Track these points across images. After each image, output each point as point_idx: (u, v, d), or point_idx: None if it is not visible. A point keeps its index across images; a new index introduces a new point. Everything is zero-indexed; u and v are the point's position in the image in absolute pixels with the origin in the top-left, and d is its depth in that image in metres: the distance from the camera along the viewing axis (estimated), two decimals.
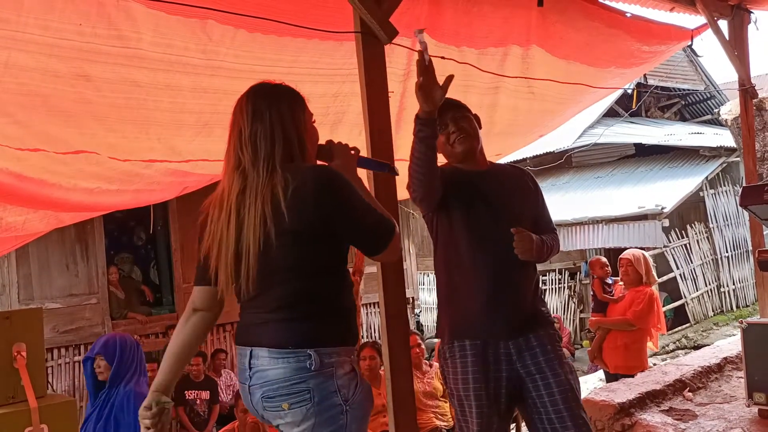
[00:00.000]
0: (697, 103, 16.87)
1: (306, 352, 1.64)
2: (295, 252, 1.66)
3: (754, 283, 11.93)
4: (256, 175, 1.69)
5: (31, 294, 7.56)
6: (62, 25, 2.26)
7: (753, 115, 4.84)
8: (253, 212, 1.66)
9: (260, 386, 1.67)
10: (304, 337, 1.66)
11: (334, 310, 1.73)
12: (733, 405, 3.37)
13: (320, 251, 1.69)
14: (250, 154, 1.71)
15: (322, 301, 1.71)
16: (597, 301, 4.91)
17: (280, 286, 1.68)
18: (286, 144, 1.73)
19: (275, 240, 1.63)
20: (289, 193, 1.63)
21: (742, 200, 3.11)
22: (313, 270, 1.69)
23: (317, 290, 1.70)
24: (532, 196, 2.48)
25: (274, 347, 1.66)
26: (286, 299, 1.68)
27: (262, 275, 1.67)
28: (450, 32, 3.19)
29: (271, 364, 1.66)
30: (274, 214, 1.63)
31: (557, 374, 2.25)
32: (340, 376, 1.67)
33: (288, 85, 1.85)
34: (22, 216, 3.82)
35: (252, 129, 1.73)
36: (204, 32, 2.51)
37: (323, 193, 1.65)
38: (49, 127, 2.78)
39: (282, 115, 1.76)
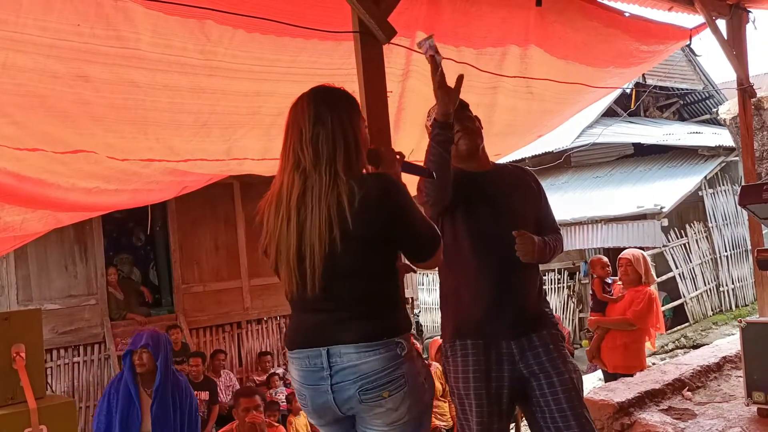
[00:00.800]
0: (695, 103, 16.88)
1: (394, 341, 1.75)
2: (362, 255, 1.74)
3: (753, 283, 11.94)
4: (318, 177, 1.74)
5: (30, 295, 7.56)
6: (60, 25, 2.26)
7: (751, 114, 4.84)
8: (317, 215, 1.72)
9: (354, 381, 1.73)
10: (390, 328, 1.77)
11: (400, 304, 1.87)
12: (732, 404, 3.37)
13: (383, 254, 1.79)
14: (311, 155, 1.76)
15: (391, 297, 1.82)
16: (596, 300, 4.91)
17: (351, 287, 1.76)
18: (347, 149, 1.78)
19: (341, 245, 1.70)
20: (356, 201, 1.70)
21: (741, 199, 3.11)
22: (378, 270, 1.79)
23: (385, 287, 1.81)
24: (535, 196, 2.48)
25: (363, 341, 1.73)
26: (362, 297, 1.77)
27: (330, 277, 1.74)
28: (448, 32, 3.19)
29: (362, 358, 1.73)
30: (340, 220, 1.69)
31: (561, 373, 2.25)
32: (416, 357, 1.83)
33: (346, 90, 1.90)
34: (20, 216, 3.82)
35: (314, 131, 1.77)
36: (202, 32, 2.52)
37: (387, 202, 1.74)
38: (47, 127, 2.78)
39: (342, 120, 1.80)
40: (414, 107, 3.45)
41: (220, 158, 3.61)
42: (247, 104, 3.10)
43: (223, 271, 8.79)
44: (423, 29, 3.09)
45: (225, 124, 3.23)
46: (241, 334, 8.90)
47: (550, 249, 2.37)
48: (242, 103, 3.08)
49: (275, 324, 9.29)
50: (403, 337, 1.79)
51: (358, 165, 1.82)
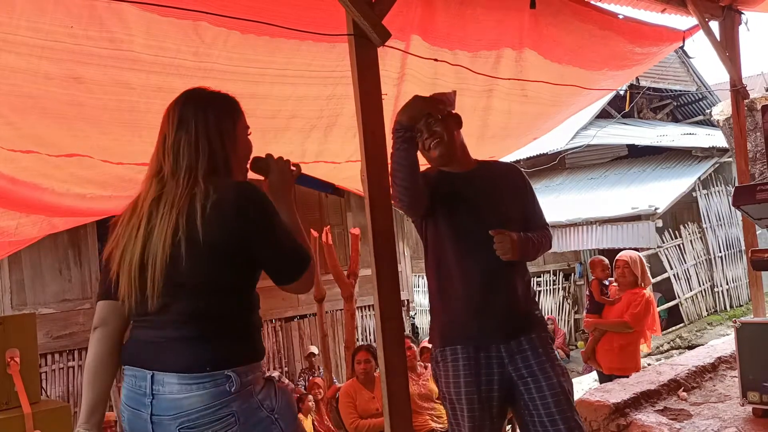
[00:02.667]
0: (689, 104, 16.96)
1: (224, 374, 1.52)
2: (205, 266, 1.54)
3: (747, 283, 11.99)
4: (175, 184, 1.60)
5: (24, 299, 7.53)
6: (54, 27, 2.25)
7: (744, 115, 4.86)
8: (165, 221, 1.55)
9: (174, 417, 1.51)
10: (220, 357, 1.54)
11: (245, 328, 1.63)
12: (727, 404, 3.37)
13: (232, 269, 1.58)
14: (171, 162, 1.63)
15: (235, 321, 1.60)
16: (593, 301, 4.92)
17: (186, 301, 1.55)
18: (212, 156, 1.64)
19: (185, 252, 1.52)
20: (208, 205, 1.53)
21: (734, 200, 3.12)
22: (226, 287, 1.58)
23: (230, 308, 1.60)
24: (521, 193, 2.46)
25: (187, 371, 1.51)
26: (199, 317, 1.55)
27: (170, 290, 1.55)
28: (443, 35, 3.20)
29: (185, 391, 1.50)
30: (188, 225, 1.53)
31: (549, 377, 2.25)
32: (258, 391, 1.59)
33: (224, 93, 1.76)
34: (15, 220, 3.80)
35: (176, 137, 1.65)
36: (196, 34, 2.51)
37: (244, 211, 1.56)
38: (41, 129, 2.77)
39: (209, 124, 1.67)
40: None
41: None
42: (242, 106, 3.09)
43: None
44: (418, 32, 3.09)
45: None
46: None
47: (533, 245, 2.34)
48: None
49: (271, 327, 9.27)
50: (238, 370, 1.54)
51: (228, 173, 1.67)
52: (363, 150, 2.39)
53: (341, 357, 9.31)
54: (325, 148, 3.78)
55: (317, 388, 6.98)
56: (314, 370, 8.61)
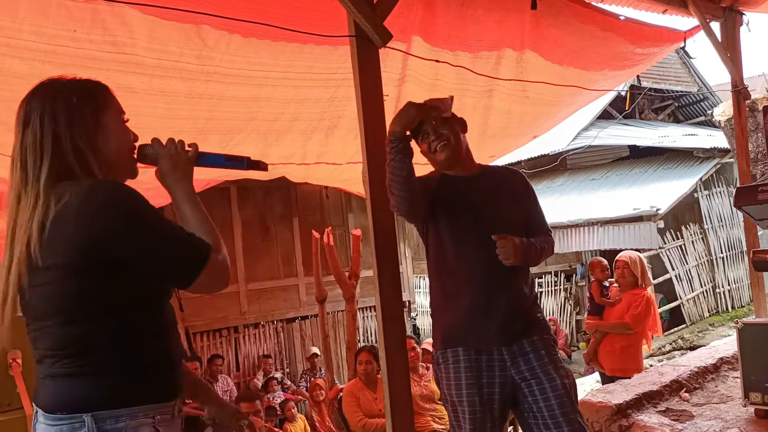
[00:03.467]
0: (690, 105, 16.95)
1: (81, 418, 1.28)
2: (60, 292, 1.30)
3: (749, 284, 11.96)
4: (27, 202, 1.33)
5: None
6: (57, 31, 2.26)
7: (746, 116, 4.86)
8: (17, 250, 1.31)
9: None
10: (79, 398, 1.30)
11: (128, 362, 1.34)
12: (729, 405, 3.37)
13: (97, 289, 1.31)
14: (20, 173, 1.36)
15: (109, 351, 1.32)
16: (593, 303, 4.91)
17: (51, 333, 1.33)
18: (58, 156, 1.36)
19: (33, 280, 1.31)
20: (48, 222, 1.28)
21: (736, 201, 3.12)
22: (90, 312, 1.31)
23: (99, 337, 1.32)
24: (523, 198, 2.45)
25: (49, 411, 1.32)
26: (60, 349, 1.32)
27: (33, 323, 1.36)
28: (444, 36, 3.21)
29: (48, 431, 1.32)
30: (33, 249, 1.28)
31: (552, 379, 2.24)
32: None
33: (84, 79, 1.47)
34: None
35: (22, 141, 1.38)
36: (199, 37, 2.52)
37: (96, 214, 1.29)
38: None
39: (56, 117, 1.38)
40: None
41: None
42: (244, 109, 3.10)
43: None
44: (419, 33, 3.10)
45: (222, 129, 3.23)
46: (238, 338, 8.89)
47: (536, 250, 2.33)
48: (239, 108, 3.09)
49: (272, 328, 9.29)
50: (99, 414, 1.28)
51: (88, 173, 1.38)
52: (364, 151, 2.40)
53: (343, 358, 9.32)
54: (327, 150, 3.79)
55: (319, 389, 6.99)
56: (316, 371, 8.62)
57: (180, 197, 1.51)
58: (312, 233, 7.02)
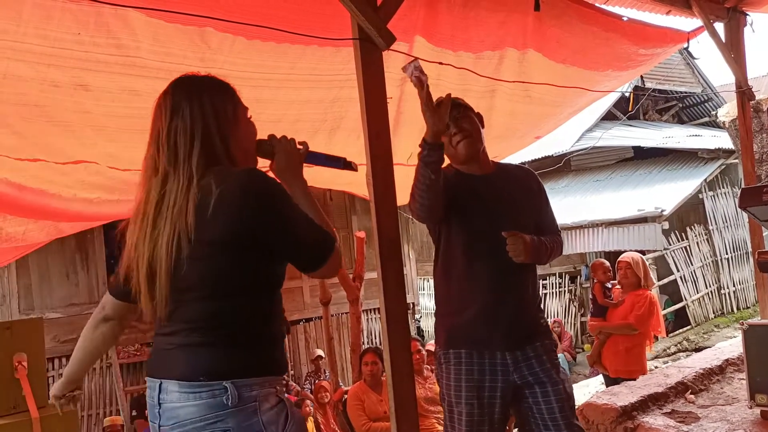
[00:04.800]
0: (694, 106, 16.91)
1: (221, 385, 1.40)
2: (212, 267, 1.44)
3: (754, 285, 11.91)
4: (176, 180, 1.46)
5: (32, 304, 7.56)
6: (61, 34, 2.27)
7: (750, 116, 4.84)
8: (168, 225, 1.44)
9: (172, 427, 1.43)
10: (219, 366, 1.42)
11: (257, 337, 1.49)
12: (735, 407, 3.36)
13: (244, 268, 1.46)
14: (167, 155, 1.49)
15: (243, 325, 1.47)
16: (596, 305, 4.90)
17: (191, 306, 1.46)
18: (208, 141, 1.50)
19: (188, 256, 1.42)
20: (211, 201, 1.41)
21: (741, 202, 3.11)
22: (233, 289, 1.46)
23: (237, 312, 1.46)
24: (536, 198, 2.45)
25: (185, 380, 1.42)
26: (198, 321, 1.45)
27: (174, 294, 1.46)
28: (446, 37, 3.20)
29: (182, 400, 1.42)
30: (190, 224, 1.41)
31: (555, 383, 2.25)
32: (265, 410, 1.45)
33: (214, 76, 1.63)
34: (22, 226, 3.82)
35: (170, 127, 1.50)
36: (202, 40, 2.52)
37: (251, 202, 1.43)
38: (48, 138, 2.79)
39: (204, 108, 1.53)
40: (412, 111, 3.44)
41: None
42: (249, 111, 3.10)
43: None
44: (422, 34, 3.10)
45: None
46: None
47: (546, 249, 2.32)
48: None
49: None
50: (239, 382, 1.42)
51: (231, 161, 1.54)
52: (368, 153, 2.40)
53: (347, 360, 9.31)
54: (330, 151, 3.78)
55: (324, 391, 6.99)
56: (320, 374, 8.62)
57: (294, 188, 1.63)
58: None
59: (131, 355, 7.87)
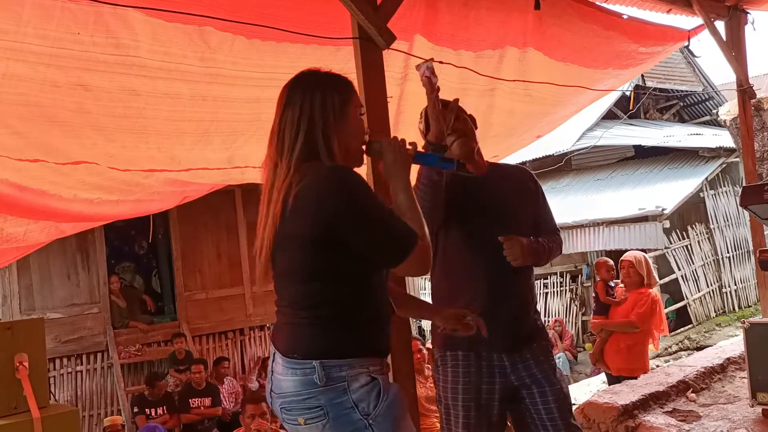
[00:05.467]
0: (695, 105, 16.89)
1: (311, 365, 1.51)
2: (298, 257, 1.56)
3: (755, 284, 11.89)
4: (281, 170, 1.59)
5: (33, 304, 7.56)
6: (60, 34, 2.27)
7: (751, 115, 4.84)
8: (271, 212, 1.58)
9: (278, 396, 1.58)
10: (310, 346, 1.54)
11: (351, 319, 1.57)
12: (736, 405, 3.35)
13: (326, 258, 1.55)
14: (277, 145, 1.62)
15: (336, 309, 1.56)
16: (599, 303, 4.90)
17: (289, 289, 1.61)
18: (308, 137, 1.59)
19: (280, 244, 1.56)
20: (294, 195, 1.52)
21: (742, 200, 3.10)
22: (320, 276, 1.56)
23: (327, 295, 1.56)
24: (532, 197, 2.42)
25: (285, 355, 1.56)
26: (296, 303, 1.59)
27: (276, 277, 1.63)
28: (446, 35, 3.20)
29: (284, 373, 1.56)
30: (282, 214, 1.54)
31: (553, 383, 2.25)
32: (355, 389, 1.52)
33: (335, 74, 1.71)
34: (23, 227, 3.82)
35: (281, 119, 1.64)
36: (202, 39, 2.52)
37: (330, 197, 1.52)
38: (48, 138, 2.79)
39: (314, 103, 1.62)
40: (412, 110, 3.44)
41: (221, 167, 3.62)
42: (247, 111, 3.10)
43: (226, 278, 8.79)
44: (422, 33, 3.09)
45: (226, 131, 3.23)
46: (243, 340, 8.89)
47: (544, 249, 2.30)
48: (243, 110, 3.09)
49: None
50: (328, 362, 1.51)
51: (330, 155, 1.60)
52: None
53: None
54: None
55: None
56: None
57: (397, 187, 1.68)
58: None
59: (132, 355, 7.87)
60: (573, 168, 15.18)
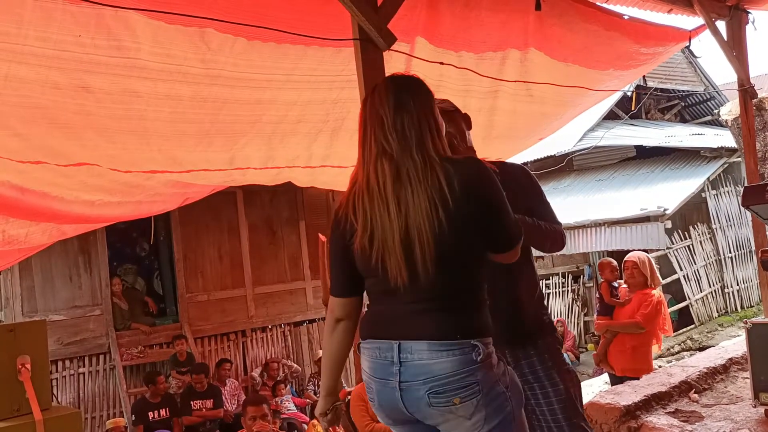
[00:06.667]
0: (697, 105, 16.88)
1: (471, 343, 1.63)
2: (462, 241, 1.65)
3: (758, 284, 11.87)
4: (411, 161, 1.68)
5: (35, 306, 7.57)
6: (62, 36, 2.27)
7: (753, 115, 4.83)
8: (420, 197, 1.64)
9: (424, 382, 1.62)
10: (469, 327, 1.66)
11: (484, 301, 1.74)
12: (739, 406, 3.35)
13: (477, 242, 1.69)
14: (397, 141, 1.70)
15: (476, 293, 1.72)
16: (603, 304, 4.89)
17: (451, 275, 1.67)
18: (432, 133, 1.74)
19: (447, 228, 1.62)
20: (455, 183, 1.64)
21: (744, 200, 3.10)
22: (472, 260, 1.70)
23: (474, 281, 1.71)
24: (526, 194, 2.35)
25: (438, 339, 1.63)
26: (453, 289, 1.67)
27: (437, 262, 1.64)
28: (448, 37, 3.20)
29: (435, 357, 1.62)
30: (442, 202, 1.62)
31: (555, 383, 2.22)
32: (496, 364, 1.69)
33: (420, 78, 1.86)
34: (24, 229, 3.83)
35: (396, 118, 1.72)
36: (203, 41, 2.52)
37: (482, 188, 1.69)
38: (50, 140, 2.79)
39: (424, 104, 1.77)
40: None
41: (223, 168, 3.61)
42: (248, 112, 3.11)
43: (227, 279, 8.80)
44: (422, 34, 3.09)
45: (227, 133, 3.23)
46: (245, 342, 8.89)
47: (536, 228, 2.21)
48: (244, 111, 3.09)
49: (280, 332, 9.29)
50: (481, 340, 1.66)
51: (444, 150, 1.76)
52: None
53: (350, 361, 9.31)
54: (332, 152, 3.79)
55: None
56: None
57: None
58: (319, 237, 7.02)
59: (134, 357, 7.87)
60: (575, 168, 15.18)
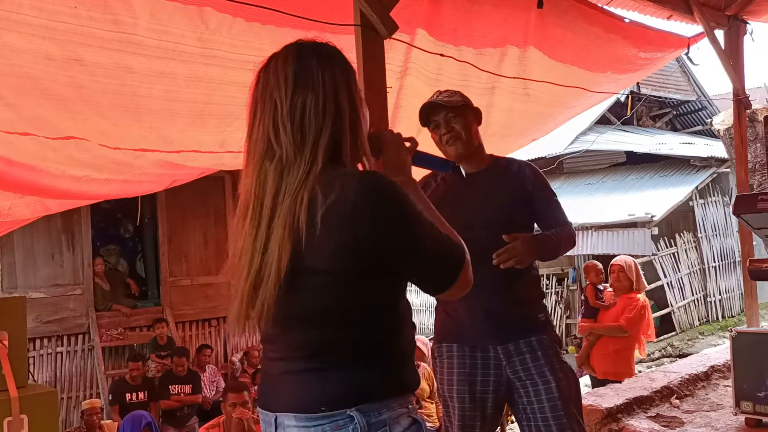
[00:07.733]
0: (688, 114, 16.99)
1: (346, 414, 1.19)
2: (331, 292, 1.20)
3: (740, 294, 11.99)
4: (297, 170, 1.19)
5: (15, 283, 7.47)
6: (57, 7, 2.22)
7: (746, 125, 4.86)
8: (281, 231, 1.17)
9: None
10: (342, 392, 1.21)
11: (383, 354, 1.26)
12: (720, 413, 3.37)
13: (367, 290, 1.22)
14: (291, 134, 1.20)
15: (366, 346, 1.23)
16: (588, 306, 4.91)
17: (308, 330, 1.23)
18: (338, 124, 1.22)
19: (306, 271, 1.18)
20: (319, 215, 1.15)
21: (735, 209, 3.11)
22: (351, 315, 1.22)
23: (361, 335, 1.23)
24: (531, 192, 2.34)
25: (302, 412, 1.21)
26: (316, 346, 1.23)
27: (285, 312, 1.23)
28: (449, 30, 3.18)
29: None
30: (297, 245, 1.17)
31: (546, 381, 2.20)
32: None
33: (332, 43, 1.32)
34: (8, 201, 3.76)
35: (293, 100, 1.21)
36: (201, 20, 2.48)
37: (370, 214, 1.16)
38: (40, 111, 2.73)
39: (337, 82, 1.24)
40: (411, 105, 3.42)
41: (213, 150, 3.57)
42: (243, 95, 3.02)
43: (211, 265, 8.73)
44: (424, 26, 3.07)
45: (220, 114, 3.19)
46: (227, 329, 8.84)
47: (551, 243, 2.24)
48: (238, 93, 3.04)
49: None
50: (365, 407, 1.20)
51: (354, 151, 1.27)
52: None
53: None
54: None
55: None
56: None
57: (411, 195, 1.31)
58: None
59: (114, 338, 7.80)
60: (565, 171, 15.24)
